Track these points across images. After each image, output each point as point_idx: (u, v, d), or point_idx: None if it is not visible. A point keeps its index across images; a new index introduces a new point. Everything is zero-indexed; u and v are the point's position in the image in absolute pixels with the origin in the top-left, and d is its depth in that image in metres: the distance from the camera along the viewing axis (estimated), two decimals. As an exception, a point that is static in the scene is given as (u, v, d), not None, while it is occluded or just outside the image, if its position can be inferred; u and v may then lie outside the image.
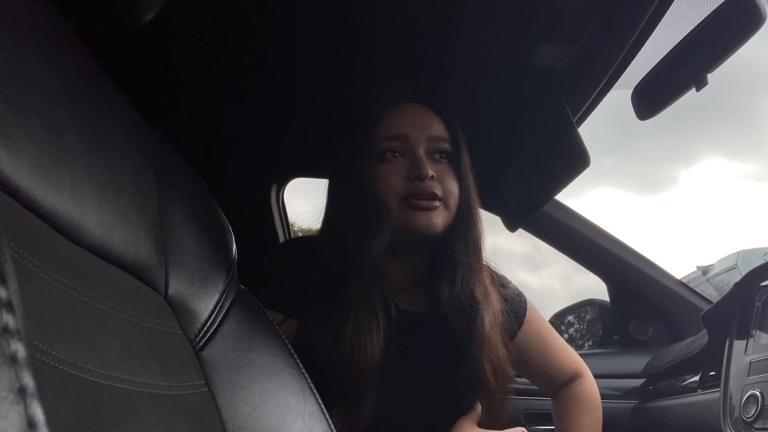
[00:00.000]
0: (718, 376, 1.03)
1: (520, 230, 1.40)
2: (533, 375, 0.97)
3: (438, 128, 0.84)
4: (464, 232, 0.83)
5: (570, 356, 0.97)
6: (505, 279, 0.95)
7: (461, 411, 0.83)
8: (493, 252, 0.90)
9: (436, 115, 0.85)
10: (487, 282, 0.86)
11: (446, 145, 0.84)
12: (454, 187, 0.82)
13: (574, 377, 0.96)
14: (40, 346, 0.28)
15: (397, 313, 0.82)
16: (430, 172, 0.79)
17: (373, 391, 0.75)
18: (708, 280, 5.74)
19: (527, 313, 0.93)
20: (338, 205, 0.86)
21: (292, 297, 0.79)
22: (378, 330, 0.77)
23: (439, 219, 0.79)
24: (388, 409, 0.77)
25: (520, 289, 0.96)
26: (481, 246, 0.85)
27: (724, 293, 1.11)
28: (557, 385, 0.97)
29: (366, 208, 0.80)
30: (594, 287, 1.56)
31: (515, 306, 0.92)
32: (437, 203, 0.79)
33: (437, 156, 0.83)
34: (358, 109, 0.87)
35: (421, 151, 0.81)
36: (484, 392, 0.83)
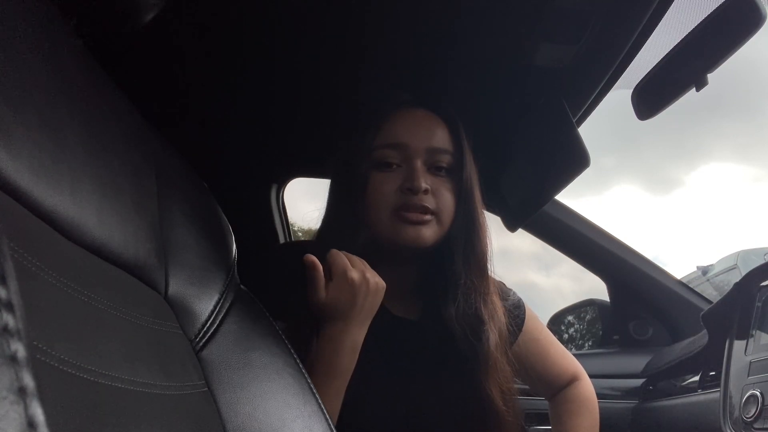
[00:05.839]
0: (718, 376, 1.03)
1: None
2: (531, 380, 0.97)
3: (440, 139, 0.82)
4: (464, 247, 0.81)
5: (567, 360, 0.97)
6: (505, 289, 0.94)
7: (454, 422, 0.81)
8: (502, 253, 0.89)
9: (442, 122, 0.83)
10: (495, 298, 0.84)
11: (447, 157, 0.82)
12: (449, 201, 0.80)
13: (571, 380, 0.96)
14: (40, 346, 0.28)
15: (387, 318, 0.81)
16: (425, 186, 0.77)
17: (358, 394, 0.74)
18: (708, 280, 5.74)
19: (525, 322, 0.92)
20: (332, 207, 0.86)
21: (285, 301, 0.78)
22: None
23: (429, 233, 0.78)
24: (375, 414, 0.76)
25: (528, 289, 0.95)
26: (485, 263, 0.83)
27: (724, 293, 1.11)
28: (555, 388, 0.97)
29: (351, 219, 0.79)
30: (602, 286, 1.56)
31: (514, 318, 0.91)
32: (428, 217, 0.78)
33: (436, 169, 0.81)
34: (361, 112, 0.86)
35: (419, 163, 0.79)
36: (493, 415, 0.80)
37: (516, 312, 0.92)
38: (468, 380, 0.80)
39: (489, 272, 0.85)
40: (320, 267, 0.70)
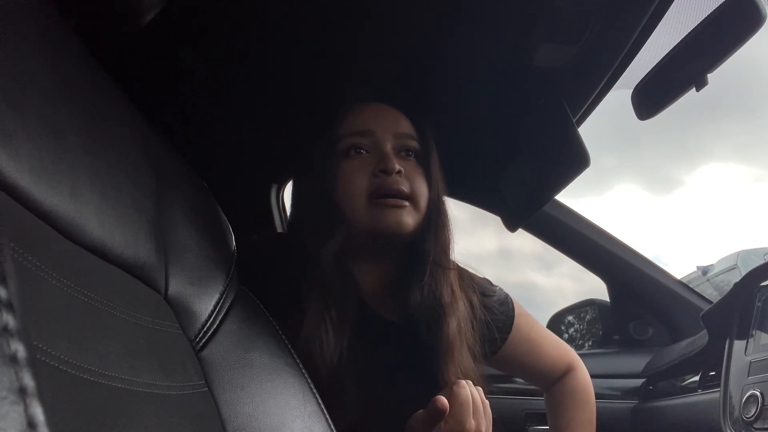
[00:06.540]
0: (718, 376, 1.03)
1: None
2: (526, 375, 0.97)
3: (405, 126, 0.83)
4: (435, 230, 0.81)
5: (561, 350, 0.96)
6: (488, 285, 0.92)
7: None
8: (502, 253, 0.89)
9: (403, 114, 0.84)
10: (455, 286, 0.83)
11: (414, 143, 0.82)
12: (422, 186, 0.80)
13: (566, 371, 0.95)
14: (40, 346, 0.28)
15: (368, 316, 0.80)
16: (398, 167, 0.76)
17: (342, 393, 0.72)
18: (708, 280, 5.74)
19: (515, 320, 0.91)
20: (300, 204, 0.85)
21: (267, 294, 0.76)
22: (336, 332, 0.73)
23: (409, 218, 0.77)
24: (358, 414, 0.75)
25: (529, 289, 0.94)
26: (449, 248, 0.83)
27: (724, 293, 1.11)
28: (550, 381, 0.96)
29: (326, 209, 0.77)
30: (602, 286, 1.56)
31: (500, 315, 0.89)
32: (406, 203, 0.77)
33: (404, 153, 0.81)
34: (323, 107, 0.85)
35: (388, 147, 0.79)
36: None
37: (502, 309, 0.90)
38: (429, 371, 0.78)
39: (452, 257, 0.84)
40: (446, 413, 0.66)
